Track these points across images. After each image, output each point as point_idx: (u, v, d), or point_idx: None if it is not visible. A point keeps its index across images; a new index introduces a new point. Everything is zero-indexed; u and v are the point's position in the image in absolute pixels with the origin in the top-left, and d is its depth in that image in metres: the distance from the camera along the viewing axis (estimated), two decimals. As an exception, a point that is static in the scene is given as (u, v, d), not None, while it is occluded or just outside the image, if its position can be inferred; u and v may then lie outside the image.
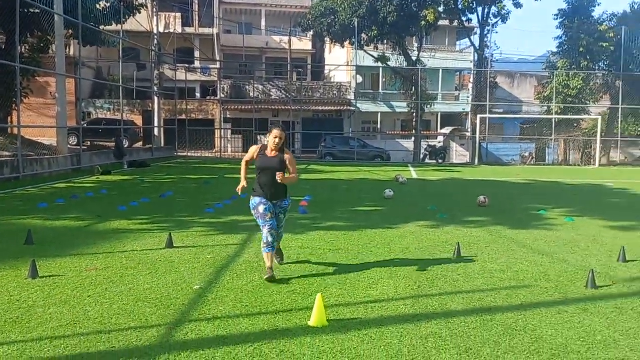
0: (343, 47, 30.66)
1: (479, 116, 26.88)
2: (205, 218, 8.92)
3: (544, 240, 7.81)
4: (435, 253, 6.82)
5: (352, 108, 32.85)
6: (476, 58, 29.65)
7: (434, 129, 35.74)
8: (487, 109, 28.02)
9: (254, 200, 5.49)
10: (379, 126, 34.53)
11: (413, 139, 29.75)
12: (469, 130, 32.31)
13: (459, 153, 34.18)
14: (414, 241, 7.51)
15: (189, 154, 28.42)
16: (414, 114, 28.81)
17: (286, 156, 5.51)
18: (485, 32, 28.37)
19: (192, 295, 4.85)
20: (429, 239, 7.68)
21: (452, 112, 35.17)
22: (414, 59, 28.07)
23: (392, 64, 28.63)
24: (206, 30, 37.21)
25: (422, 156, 28.12)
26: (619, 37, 27.68)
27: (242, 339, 3.84)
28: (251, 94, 31.65)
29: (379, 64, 28.27)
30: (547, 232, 8.46)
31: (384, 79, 33.72)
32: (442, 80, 34.47)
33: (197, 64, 37.43)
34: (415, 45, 30.97)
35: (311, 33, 30.12)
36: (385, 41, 29.66)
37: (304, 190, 13.37)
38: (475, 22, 28.95)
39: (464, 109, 32.92)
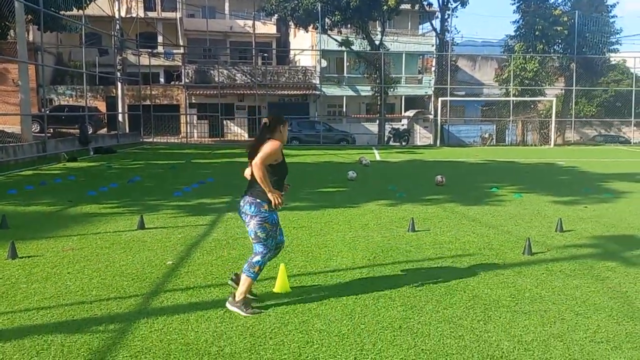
0: (307, 32, 30.91)
1: (440, 99, 27.66)
2: (174, 201, 9.25)
3: (492, 214, 8.46)
4: (392, 228, 7.35)
5: (318, 92, 33.20)
6: (437, 42, 30.33)
7: (398, 112, 36.44)
8: (448, 92, 28.82)
9: (274, 216, 4.23)
10: (344, 110, 35.02)
11: (377, 122, 30.38)
12: (432, 112, 33.11)
13: (422, 135, 34.99)
14: (373, 218, 8.04)
15: (155, 140, 28.36)
16: (378, 98, 29.41)
17: None
18: (446, 16, 29.05)
19: (165, 269, 5.25)
20: (387, 216, 8.22)
21: (415, 95, 35.91)
22: (377, 43, 28.57)
23: (355, 48, 29.07)
24: (169, 15, 36.83)
25: (386, 139, 28.78)
26: (572, 21, 28.74)
27: (214, 304, 4.28)
28: (216, 79, 31.63)
29: (343, 48, 28.65)
30: (496, 207, 9.12)
31: (348, 63, 34.15)
32: (405, 64, 35.11)
33: (160, 49, 37.05)
34: (379, 29, 31.46)
35: (275, 17, 30.21)
36: (349, 25, 30.04)
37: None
38: (435, 6, 29.60)
39: (426, 92, 33.70)
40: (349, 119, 34.38)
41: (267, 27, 40.72)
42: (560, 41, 30.15)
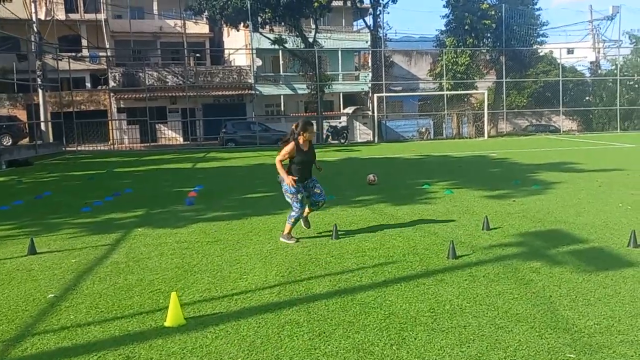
0: (238, 30, 30.11)
1: (375, 95, 27.56)
2: (79, 218, 8.42)
3: (421, 214, 8.15)
4: (315, 236, 6.89)
5: (254, 92, 32.48)
6: (371, 38, 30.25)
7: (337, 110, 36.21)
8: (384, 88, 28.79)
9: (295, 189, 6.37)
10: (282, 109, 34.45)
11: (315, 120, 29.97)
12: (371, 109, 33.06)
13: (362, 132, 34.91)
14: (297, 226, 7.54)
15: (80, 148, 26.83)
16: (315, 96, 29.01)
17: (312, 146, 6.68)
18: (378, 12, 29.00)
19: (43, 305, 4.55)
20: (312, 222, 7.73)
21: (353, 92, 35.78)
22: (311, 40, 28.14)
23: (289, 45, 28.53)
24: (93, 16, 35.02)
25: (324, 137, 28.43)
26: (500, 14, 29.35)
27: (87, 349, 3.65)
28: (146, 82, 30.31)
29: (276, 47, 28.05)
30: (425, 206, 8.84)
31: (283, 62, 33.59)
32: (341, 61, 34.88)
33: (85, 52, 35.22)
34: (313, 26, 31.06)
35: (205, 15, 29.24)
36: (282, 23, 29.48)
37: (196, 180, 13.10)
38: (367, 3, 29.48)
39: (362, 89, 33.61)
40: (288, 118, 33.82)
41: (199, 27, 39.52)
42: (489, 35, 30.75)
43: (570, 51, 41.25)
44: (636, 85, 32.83)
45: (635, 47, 34.03)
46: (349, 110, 34.06)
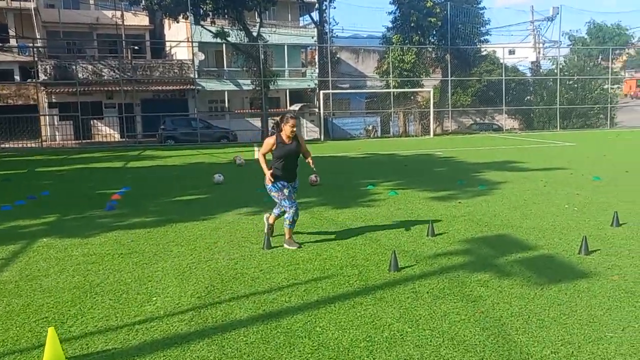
0: (178, 22, 28.81)
1: (321, 92, 26.99)
2: (-23, 227, 7.37)
3: (363, 218, 7.59)
4: (245, 246, 6.19)
5: (196, 87, 31.26)
6: (317, 34, 29.67)
7: (283, 106, 35.41)
8: (330, 84, 28.27)
9: (277, 185, 6.00)
10: (226, 105, 33.36)
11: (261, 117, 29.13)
12: (317, 106, 32.50)
13: (309, 129, 34.25)
14: (226, 233, 6.82)
15: (5, 146, 24.93)
16: (260, 92, 28.13)
17: (300, 141, 6.16)
18: (324, 7, 28.41)
19: None
20: (245, 229, 7.04)
21: (300, 89, 35.08)
22: (255, 34, 27.23)
23: (232, 39, 27.51)
24: (22, 4, 32.75)
25: (269, 134, 27.59)
26: (445, 12, 29.42)
27: None
28: (80, 75, 28.54)
29: (218, 40, 26.98)
30: (368, 209, 8.29)
31: (227, 56, 32.49)
32: (288, 57, 34.09)
33: (13, 42, 32.92)
34: (257, 20, 30.14)
35: (142, 5, 27.78)
36: (225, 16, 28.39)
37: (124, 181, 12.09)
38: (313, -3, 28.91)
39: (309, 85, 32.97)
40: (232, 114, 32.77)
41: (138, 19, 37.82)
42: (435, 32, 30.79)
43: (512, 52, 42.14)
44: (575, 85, 33.76)
45: (574, 47, 35.02)
46: (296, 107, 33.34)
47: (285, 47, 32.92)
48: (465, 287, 4.63)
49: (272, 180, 5.97)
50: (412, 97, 31.84)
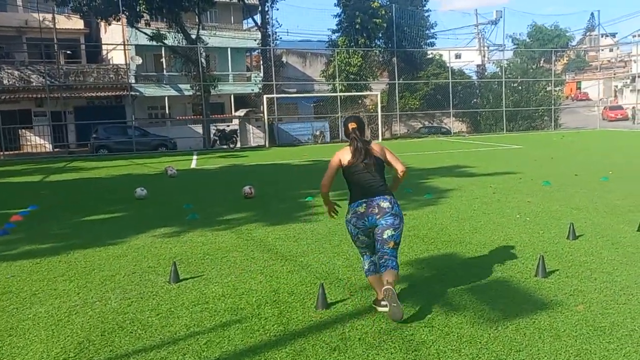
0: (110, 24, 27.18)
1: (265, 96, 25.99)
2: None
3: (296, 237, 6.67)
4: (148, 279, 5.15)
5: (134, 93, 29.65)
6: (260, 37, 28.69)
7: (228, 112, 34.19)
8: (274, 89, 27.30)
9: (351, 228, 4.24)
10: (167, 111, 31.83)
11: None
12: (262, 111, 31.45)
13: (256, 135, 33.16)
14: (130, 262, 5.75)
15: None
16: (200, 97, 26.84)
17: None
18: (266, 8, 27.47)
19: None
20: (155, 256, 5.99)
21: (245, 93, 33.96)
22: (194, 37, 25.93)
23: (170, 42, 26.10)
24: (-61, 5, 30.24)
25: (211, 142, 26.36)
26: (390, 14, 29.02)
27: None
28: (5, 81, 26.46)
29: (154, 43, 25.53)
30: (304, 225, 7.38)
31: (162, 60, 31.00)
32: (231, 60, 32.94)
33: None
34: (202, 23, 28.85)
35: (70, 6, 25.99)
36: (164, 19, 26.95)
37: (35, 198, 10.72)
38: (255, -1, 27.92)
39: (252, 90, 31.88)
40: (174, 121, 31.28)
41: (72, 22, 35.63)
42: (381, 35, 30.36)
43: (458, 56, 42.44)
44: (520, 87, 34.10)
45: (517, 50, 35.41)
46: (241, 112, 32.22)
47: (229, 50, 31.77)
48: (406, 330, 3.79)
49: None
50: (359, 101, 31.27)
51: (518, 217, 7.49)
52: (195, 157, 20.97)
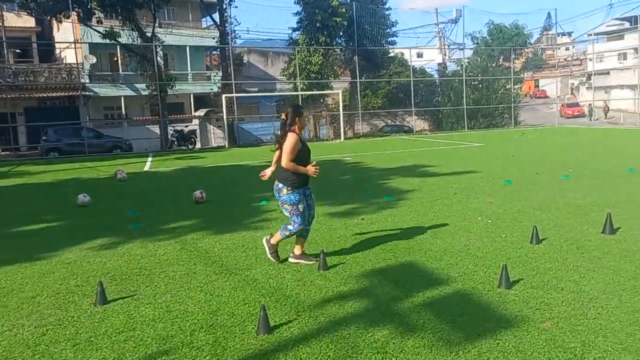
0: (60, 22, 25.95)
1: (224, 96, 25.25)
2: None
3: (245, 247, 6.16)
4: (73, 300, 4.59)
5: (88, 93, 28.49)
6: (219, 34, 27.93)
7: (188, 112, 33.27)
8: (234, 88, 26.58)
9: (295, 196, 5.21)
10: (123, 112, 30.70)
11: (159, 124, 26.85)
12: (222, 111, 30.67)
13: (217, 136, 32.33)
14: (56, 281, 5.15)
15: None
16: (157, 97, 25.89)
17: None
18: (224, 6, 26.74)
19: None
20: (85, 272, 5.41)
21: (204, 93, 33.10)
22: (149, 35, 24.97)
23: (124, 40, 25.07)
24: None
25: (169, 143, 25.46)
26: (350, 12, 28.70)
27: None
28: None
29: (107, 41, 24.46)
30: (254, 233, 6.88)
31: (116, 59, 29.90)
32: (190, 59, 32.04)
33: None
34: (158, 20, 27.88)
35: (16, 2, 24.67)
36: (118, 15, 25.87)
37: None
38: (212, -4, 27.14)
39: (212, 89, 31.06)
40: (131, 122, 30.18)
41: (23, 20, 34.02)
42: (342, 33, 30.02)
43: (420, 54, 42.53)
44: (480, 86, 34.31)
45: (477, 48, 35.62)
46: (201, 112, 31.36)
47: (187, 49, 30.88)
48: (358, 355, 3.34)
49: (294, 188, 5.15)
50: (321, 100, 30.85)
51: (480, 219, 7.17)
52: (150, 159, 20.13)
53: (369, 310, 4.12)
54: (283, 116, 5.25)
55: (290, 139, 5.07)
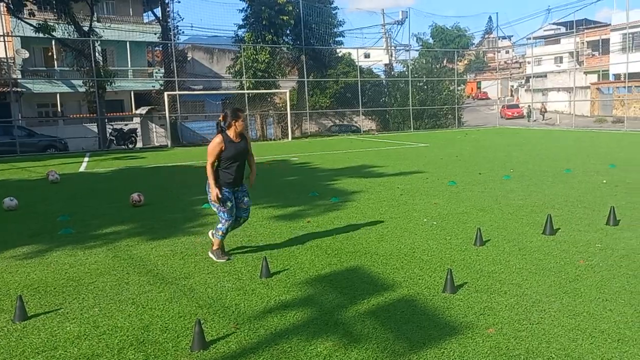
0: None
1: (166, 93, 24.49)
2: None
3: (183, 254, 5.85)
4: (-13, 318, 4.15)
5: (20, 89, 26.98)
6: (161, 30, 27.06)
7: (128, 110, 32.13)
8: (177, 85, 25.83)
9: (224, 193, 5.28)
10: (59, 109, 29.29)
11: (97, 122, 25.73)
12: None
13: (159, 135, 31.44)
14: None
15: None
16: (95, 94, 24.78)
17: (248, 139, 5.51)
18: (167, 1, 25.96)
19: None
20: (6, 285, 4.99)
21: (146, 90, 32.03)
22: (87, 29, 23.86)
23: (60, 34, 23.84)
24: None
25: (108, 142, 24.44)
26: (297, 10, 28.50)
27: None
28: None
29: (40, 35, 23.19)
30: (194, 238, 6.58)
31: (50, 53, 28.48)
32: (131, 55, 30.96)
33: None
34: (96, 14, 26.68)
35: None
36: (53, 8, 24.55)
37: None
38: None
39: (154, 86, 30.09)
40: (67, 120, 28.82)
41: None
42: (289, 32, 29.77)
43: (367, 55, 42.85)
44: (425, 87, 34.89)
45: (422, 50, 36.19)
46: (142, 110, 30.35)
47: (128, 44, 29.80)
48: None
49: (219, 198, 5.20)
50: (268, 99, 30.49)
51: (425, 221, 7.15)
52: (86, 159, 19.21)
53: (312, 320, 3.94)
54: (221, 117, 5.36)
55: (214, 139, 5.24)
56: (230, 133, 5.30)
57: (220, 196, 5.18)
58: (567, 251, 5.48)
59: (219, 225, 5.39)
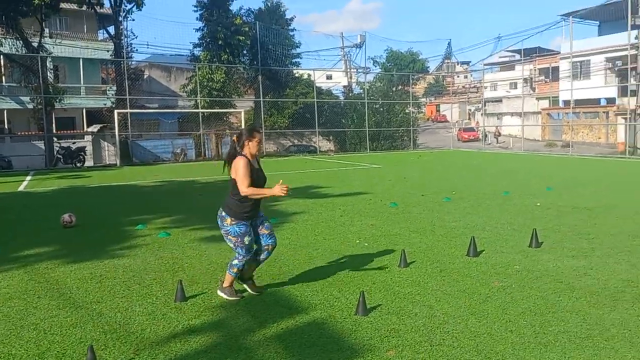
0: None
1: (116, 111, 24.08)
2: None
3: (102, 277, 5.67)
4: None
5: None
6: (114, 47, 26.68)
7: (80, 127, 31.40)
8: (128, 103, 25.42)
9: (241, 227, 4.74)
10: (6, 126, 28.37)
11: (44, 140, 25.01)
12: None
13: (111, 153, 30.76)
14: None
15: None
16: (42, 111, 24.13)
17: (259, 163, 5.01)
18: (120, 18, 25.64)
19: None
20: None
21: (97, 108, 31.42)
22: (36, 44, 23.33)
23: (7, 50, 23.22)
24: None
25: (54, 160, 23.76)
26: (254, 31, 28.65)
27: None
28: None
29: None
30: (117, 261, 6.39)
31: (4, 69, 27.73)
32: (84, 72, 30.38)
33: None
34: (47, 30, 26.12)
35: None
36: (2, 24, 23.93)
37: None
38: (108, 6, 25.87)
39: (105, 104, 29.56)
40: (14, 138, 27.92)
41: None
42: (246, 52, 29.85)
43: (329, 77, 43.34)
44: (381, 109, 35.46)
45: (379, 73, 36.81)
46: (94, 128, 29.71)
47: (80, 61, 29.26)
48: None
49: (240, 219, 4.72)
50: (224, 119, 30.34)
51: (358, 242, 7.18)
52: (28, 177, 18.60)
53: (215, 345, 3.85)
54: (235, 138, 4.86)
55: (240, 162, 4.64)
56: (247, 155, 4.73)
57: (287, 186, 4.71)
58: (485, 272, 5.57)
59: (235, 262, 4.79)
